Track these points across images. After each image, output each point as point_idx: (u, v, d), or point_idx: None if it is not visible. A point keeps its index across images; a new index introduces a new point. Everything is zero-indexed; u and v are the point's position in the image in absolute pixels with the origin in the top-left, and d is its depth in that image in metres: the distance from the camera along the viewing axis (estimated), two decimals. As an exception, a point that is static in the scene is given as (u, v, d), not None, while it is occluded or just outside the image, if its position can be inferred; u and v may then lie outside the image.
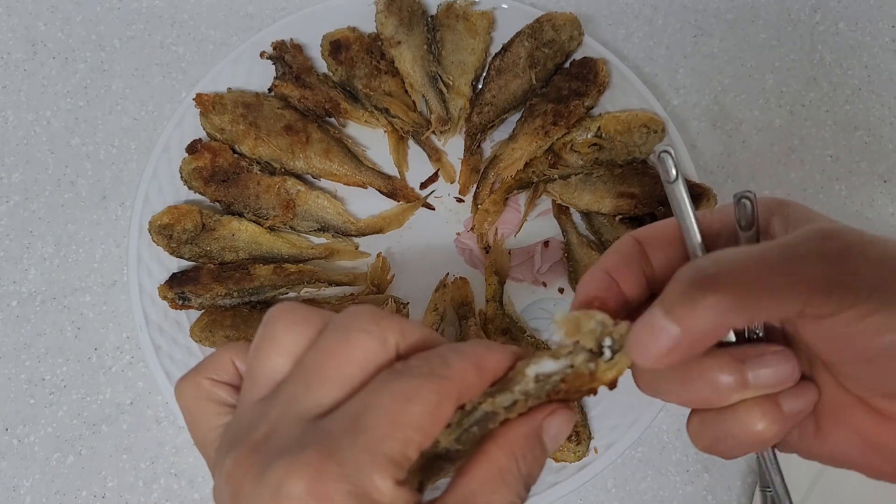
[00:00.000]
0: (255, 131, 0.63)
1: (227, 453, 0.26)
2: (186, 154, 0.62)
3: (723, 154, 0.69)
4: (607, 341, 0.27)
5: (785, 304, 0.25)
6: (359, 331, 0.27)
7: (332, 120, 0.67)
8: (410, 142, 0.68)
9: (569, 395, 0.28)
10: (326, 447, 0.24)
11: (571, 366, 0.27)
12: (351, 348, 0.26)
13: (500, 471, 0.27)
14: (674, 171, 0.29)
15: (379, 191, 0.65)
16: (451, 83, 0.67)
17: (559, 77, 0.66)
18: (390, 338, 0.27)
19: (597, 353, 0.27)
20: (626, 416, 0.56)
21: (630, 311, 0.32)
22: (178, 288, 0.59)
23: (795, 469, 0.56)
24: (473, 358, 0.27)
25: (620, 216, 0.63)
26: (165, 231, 0.60)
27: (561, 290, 0.64)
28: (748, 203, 0.29)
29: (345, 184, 0.65)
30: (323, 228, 0.64)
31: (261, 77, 0.66)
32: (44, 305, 0.63)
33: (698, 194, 0.60)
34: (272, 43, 0.66)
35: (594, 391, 0.28)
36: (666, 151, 0.29)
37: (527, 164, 0.64)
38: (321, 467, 0.23)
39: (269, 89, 0.66)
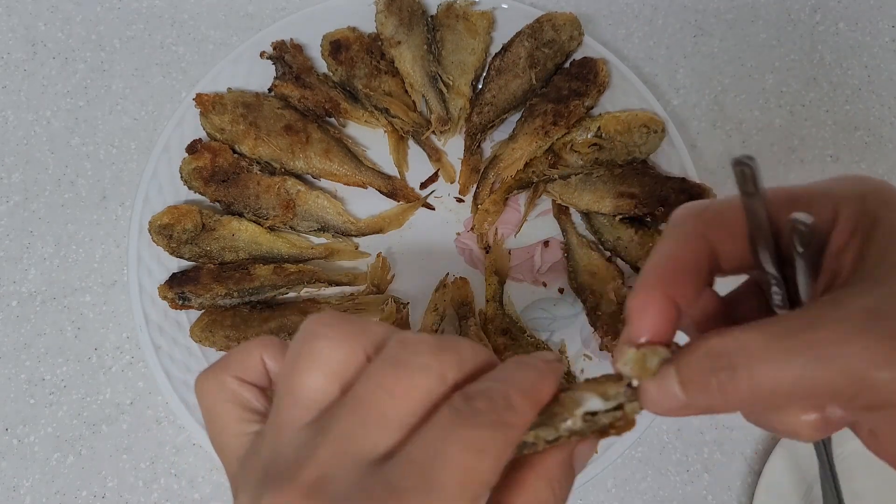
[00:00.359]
0: (255, 131, 0.63)
1: (268, 487, 0.24)
2: (186, 154, 0.62)
3: (723, 154, 0.69)
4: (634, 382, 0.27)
5: (804, 403, 0.25)
6: (419, 368, 0.25)
7: (332, 120, 0.67)
8: (410, 142, 0.68)
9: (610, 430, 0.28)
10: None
11: (619, 407, 0.27)
12: (411, 387, 0.24)
13: (537, 499, 0.26)
14: (753, 184, 0.26)
15: (379, 191, 0.65)
16: (451, 83, 0.67)
17: (559, 77, 0.66)
18: (449, 374, 0.25)
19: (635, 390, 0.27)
20: (626, 416, 0.56)
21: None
22: (178, 288, 0.59)
23: (808, 462, 0.56)
24: (534, 395, 0.26)
25: (620, 216, 0.63)
26: (165, 231, 0.60)
27: (561, 290, 0.64)
28: (802, 227, 0.26)
29: (345, 184, 0.65)
30: (323, 228, 0.63)
31: (261, 77, 0.66)
32: (44, 305, 0.63)
33: (698, 194, 0.60)
34: (272, 43, 0.66)
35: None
36: (745, 164, 0.25)
37: (527, 164, 0.64)
38: None
39: (269, 89, 0.66)
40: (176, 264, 0.61)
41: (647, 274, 0.29)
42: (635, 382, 0.27)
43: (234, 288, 0.59)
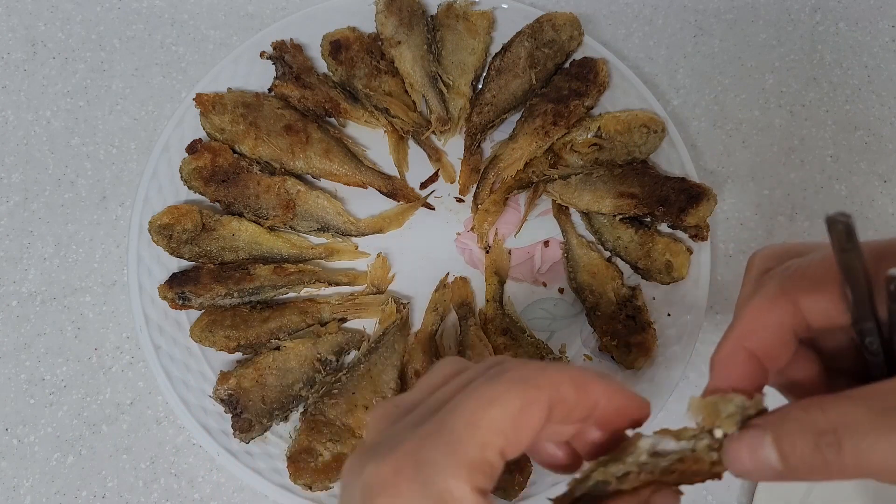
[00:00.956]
0: (255, 131, 0.63)
1: None
2: (186, 154, 0.62)
3: (723, 154, 0.69)
4: (718, 433, 0.27)
5: None
6: (471, 361, 0.29)
7: (332, 120, 0.67)
8: (410, 142, 0.68)
9: (686, 477, 0.28)
10: (411, 448, 0.25)
11: (693, 450, 0.27)
12: (455, 363, 0.29)
13: None
14: (850, 240, 0.25)
15: (379, 191, 0.65)
16: (451, 83, 0.67)
17: (559, 77, 0.66)
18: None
19: (720, 441, 0.27)
20: (626, 416, 0.56)
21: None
22: (178, 288, 0.59)
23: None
24: (576, 376, 0.27)
25: (620, 216, 0.63)
26: (165, 231, 0.60)
27: (561, 290, 0.64)
28: None
29: (345, 184, 0.65)
30: (323, 228, 0.63)
31: (261, 77, 0.66)
32: (44, 305, 0.63)
33: (698, 194, 0.60)
34: (272, 43, 0.66)
35: (718, 475, 0.28)
36: (841, 220, 0.25)
37: (527, 164, 0.64)
38: (399, 469, 0.25)
39: (269, 89, 0.66)
40: (176, 264, 0.61)
41: (733, 330, 0.29)
42: (718, 433, 0.27)
43: (234, 288, 0.59)
